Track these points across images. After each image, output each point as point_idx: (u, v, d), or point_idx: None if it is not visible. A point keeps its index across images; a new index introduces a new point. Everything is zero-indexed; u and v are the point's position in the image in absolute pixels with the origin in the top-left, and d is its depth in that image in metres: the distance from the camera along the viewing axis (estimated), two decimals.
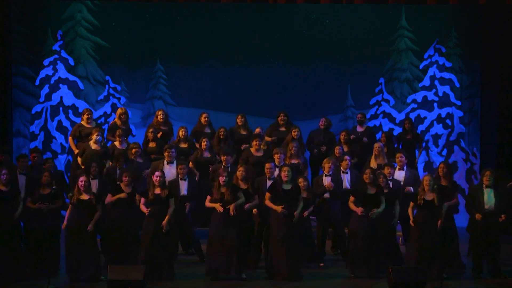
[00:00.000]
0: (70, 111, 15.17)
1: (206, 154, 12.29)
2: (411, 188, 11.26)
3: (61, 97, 15.19)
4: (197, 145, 12.66)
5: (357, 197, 10.55)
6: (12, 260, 10.26)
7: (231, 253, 10.24)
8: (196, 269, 10.86)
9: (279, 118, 13.33)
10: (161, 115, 13.20)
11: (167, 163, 11.72)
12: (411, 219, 10.42)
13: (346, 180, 11.54)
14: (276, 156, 11.55)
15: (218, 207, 10.26)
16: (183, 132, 12.74)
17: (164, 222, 10.21)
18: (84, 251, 10.15)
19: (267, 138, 13.11)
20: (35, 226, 10.47)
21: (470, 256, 11.18)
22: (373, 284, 10.19)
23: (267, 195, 10.49)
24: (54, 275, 10.25)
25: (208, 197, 10.48)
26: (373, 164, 11.98)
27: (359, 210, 10.43)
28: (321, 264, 11.18)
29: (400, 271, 9.68)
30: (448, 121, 15.61)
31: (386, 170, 11.16)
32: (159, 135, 12.91)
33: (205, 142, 12.30)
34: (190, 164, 12.03)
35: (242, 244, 10.52)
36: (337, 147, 12.29)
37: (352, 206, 10.58)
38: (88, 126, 12.89)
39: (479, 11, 15.34)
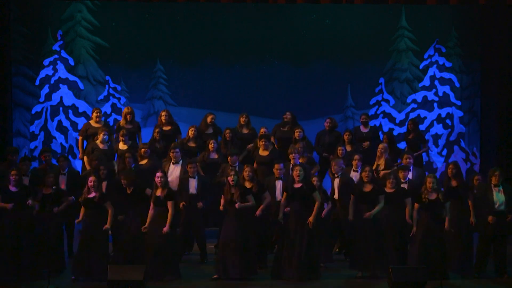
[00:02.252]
0: (70, 111, 15.18)
1: (213, 156, 12.30)
2: None
3: (61, 97, 15.19)
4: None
5: (355, 195, 10.56)
6: (16, 260, 10.28)
7: (241, 255, 10.22)
8: (197, 270, 10.86)
9: (284, 116, 13.35)
10: (164, 116, 13.20)
11: (173, 163, 11.71)
12: (414, 225, 10.36)
13: (355, 178, 11.55)
14: (291, 156, 11.61)
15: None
16: (193, 132, 12.74)
17: (165, 229, 10.22)
18: (93, 251, 10.15)
19: (272, 139, 13.15)
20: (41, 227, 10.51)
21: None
22: (373, 284, 10.19)
23: (285, 194, 10.51)
24: (57, 274, 10.25)
25: (223, 199, 10.51)
26: (375, 164, 12.00)
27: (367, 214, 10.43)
28: (321, 264, 11.17)
29: (400, 271, 9.68)
30: (448, 121, 15.61)
31: (401, 174, 11.14)
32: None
33: (212, 144, 12.30)
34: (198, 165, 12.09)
35: (252, 247, 10.50)
36: (339, 148, 12.31)
37: (350, 206, 10.58)
38: (96, 125, 12.95)
39: (479, 11, 15.34)
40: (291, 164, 11.58)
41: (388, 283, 9.69)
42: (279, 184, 11.02)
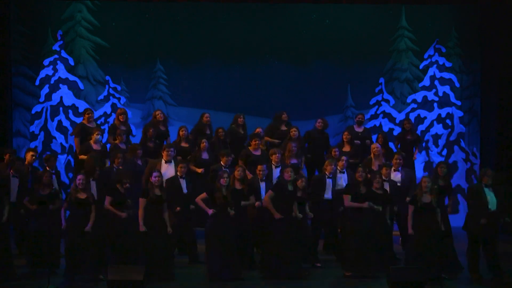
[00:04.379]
0: (70, 111, 15.17)
1: (205, 156, 12.29)
2: None
3: (61, 97, 15.18)
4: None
5: (352, 195, 10.52)
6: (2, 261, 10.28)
7: (231, 255, 10.22)
8: (194, 270, 10.86)
9: (283, 116, 13.37)
10: (159, 115, 13.20)
11: (165, 162, 11.70)
12: (409, 227, 10.37)
13: (343, 179, 11.53)
14: (274, 157, 11.59)
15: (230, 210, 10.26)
16: (184, 132, 12.74)
17: (169, 230, 10.28)
18: (83, 250, 10.14)
19: (267, 138, 13.14)
20: (35, 227, 10.49)
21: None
22: (373, 284, 10.19)
23: (270, 193, 10.45)
24: (53, 274, 10.24)
25: (204, 195, 10.40)
26: (374, 165, 12.00)
27: (365, 204, 10.40)
28: (318, 264, 11.18)
29: (400, 271, 9.68)
30: (448, 121, 15.61)
31: (384, 171, 11.19)
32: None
33: (204, 143, 12.29)
34: (191, 166, 12.06)
35: (240, 245, 10.50)
36: (333, 148, 12.34)
37: (351, 203, 10.52)
38: (89, 125, 12.96)
39: (479, 11, 15.34)
40: (274, 163, 11.59)
41: (388, 283, 9.68)
42: (263, 186, 11.00)
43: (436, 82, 15.64)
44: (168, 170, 11.57)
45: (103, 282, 9.82)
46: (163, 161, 11.72)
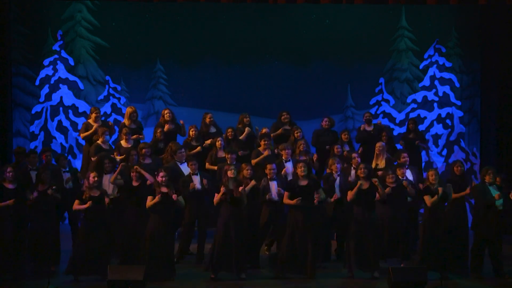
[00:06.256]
0: (70, 111, 15.18)
1: (221, 154, 12.31)
2: None
3: (61, 97, 15.19)
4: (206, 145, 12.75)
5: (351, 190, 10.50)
6: (14, 259, 10.29)
7: (234, 252, 10.23)
8: (195, 269, 10.87)
9: (282, 117, 13.42)
10: (168, 114, 13.21)
11: (180, 164, 11.66)
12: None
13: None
14: (284, 152, 11.62)
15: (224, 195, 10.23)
16: (194, 132, 12.78)
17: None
18: (95, 249, 10.15)
19: (272, 134, 13.23)
20: (37, 224, 10.51)
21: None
22: (373, 284, 10.18)
23: (286, 194, 10.43)
24: (53, 274, 10.25)
25: (217, 195, 10.40)
26: (373, 163, 12.00)
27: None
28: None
29: (400, 271, 9.69)
30: (448, 121, 15.61)
31: (399, 171, 11.15)
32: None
33: (219, 142, 12.36)
34: (207, 165, 12.20)
35: (246, 244, 10.51)
36: (335, 146, 12.36)
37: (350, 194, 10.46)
38: (95, 124, 12.99)
39: (479, 11, 15.34)
40: (284, 159, 11.63)
41: (388, 283, 9.69)
42: (273, 185, 10.97)
43: (436, 82, 15.64)
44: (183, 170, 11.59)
45: (104, 282, 9.81)
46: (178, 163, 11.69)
